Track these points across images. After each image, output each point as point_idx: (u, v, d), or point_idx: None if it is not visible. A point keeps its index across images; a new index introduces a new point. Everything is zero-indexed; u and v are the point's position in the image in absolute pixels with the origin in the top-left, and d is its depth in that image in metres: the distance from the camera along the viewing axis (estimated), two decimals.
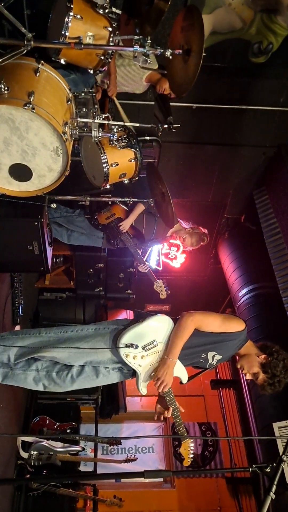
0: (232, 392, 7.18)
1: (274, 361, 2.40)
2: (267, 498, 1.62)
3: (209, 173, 5.20)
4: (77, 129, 2.44)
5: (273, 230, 5.02)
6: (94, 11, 2.41)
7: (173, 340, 2.33)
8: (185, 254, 5.97)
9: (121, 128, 2.75)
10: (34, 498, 4.25)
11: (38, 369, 2.45)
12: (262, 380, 2.42)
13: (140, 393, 2.43)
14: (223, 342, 2.41)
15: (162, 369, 2.32)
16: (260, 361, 2.43)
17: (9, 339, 2.49)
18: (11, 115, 2.10)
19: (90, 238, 4.17)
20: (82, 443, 4.93)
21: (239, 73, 4.26)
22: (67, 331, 2.49)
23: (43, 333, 2.50)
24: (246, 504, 6.16)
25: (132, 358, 2.34)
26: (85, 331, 2.48)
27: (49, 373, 2.44)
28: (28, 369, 2.44)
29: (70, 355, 2.39)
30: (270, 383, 2.40)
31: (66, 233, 4.16)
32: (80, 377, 2.44)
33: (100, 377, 2.46)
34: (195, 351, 2.43)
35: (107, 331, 2.45)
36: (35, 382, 2.46)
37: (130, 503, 5.48)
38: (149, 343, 2.36)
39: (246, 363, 2.46)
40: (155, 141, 4.17)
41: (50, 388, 2.48)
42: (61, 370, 2.45)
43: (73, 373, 2.44)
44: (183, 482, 6.28)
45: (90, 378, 2.45)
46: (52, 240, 3.51)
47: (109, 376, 2.48)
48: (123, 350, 2.32)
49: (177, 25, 2.45)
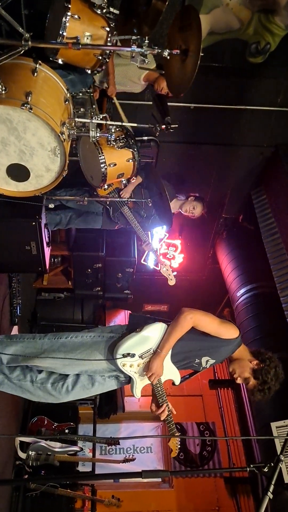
0: (230, 392, 7.19)
1: (265, 368, 2.40)
2: (265, 497, 1.62)
3: (207, 173, 5.20)
4: (75, 129, 2.44)
5: (271, 230, 5.02)
6: (91, 11, 2.41)
7: (168, 335, 2.33)
8: (183, 254, 5.97)
9: (119, 128, 2.75)
10: (32, 499, 4.25)
11: (33, 381, 2.42)
12: (252, 386, 2.42)
13: (135, 397, 2.44)
14: (217, 347, 2.41)
15: (154, 361, 2.32)
16: (252, 367, 2.42)
17: (3, 342, 2.48)
18: (8, 115, 2.10)
19: (88, 218, 4.02)
20: (80, 443, 4.93)
21: (237, 73, 4.26)
22: (61, 337, 2.45)
23: (37, 338, 2.48)
24: (244, 503, 6.16)
25: (129, 366, 2.35)
26: (79, 338, 2.44)
27: (43, 384, 2.42)
28: (23, 379, 2.42)
29: (64, 365, 2.38)
30: (260, 389, 2.40)
31: (65, 218, 4.03)
32: (75, 387, 2.42)
33: (96, 385, 2.45)
34: (190, 355, 2.43)
35: (102, 339, 2.43)
36: (30, 393, 2.45)
37: (129, 503, 5.48)
38: (146, 351, 2.36)
39: (238, 367, 2.45)
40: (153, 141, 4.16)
41: (46, 399, 2.47)
42: (56, 381, 2.43)
43: (68, 383, 2.42)
44: (181, 482, 6.28)
45: (85, 388, 2.44)
46: (50, 240, 3.50)
47: (105, 384, 2.47)
48: (120, 360, 2.32)
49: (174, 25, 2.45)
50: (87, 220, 4.04)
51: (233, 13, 3.84)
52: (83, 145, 2.96)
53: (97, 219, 4.01)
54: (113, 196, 3.68)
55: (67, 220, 4.04)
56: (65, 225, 4.09)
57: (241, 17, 3.87)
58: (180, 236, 5.92)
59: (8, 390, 2.47)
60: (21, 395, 2.48)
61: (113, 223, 3.97)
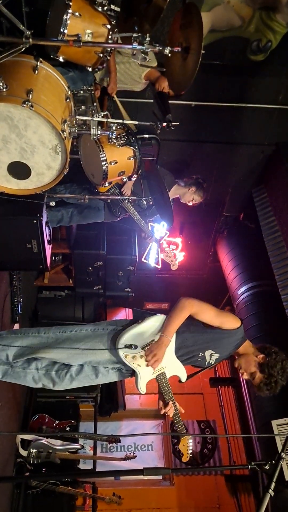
0: (231, 390, 7.20)
1: (272, 361, 2.40)
2: (266, 495, 1.62)
3: (208, 171, 5.19)
4: (76, 127, 2.44)
5: (272, 228, 5.02)
6: (92, 8, 2.40)
7: (169, 319, 2.34)
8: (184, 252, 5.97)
9: (120, 126, 2.75)
10: (33, 496, 4.27)
11: (38, 368, 2.45)
12: (259, 380, 2.42)
13: (140, 392, 2.44)
14: (219, 339, 2.42)
15: (156, 344, 2.33)
16: (258, 361, 2.43)
17: (8, 338, 2.50)
18: (9, 113, 2.10)
19: (90, 213, 4.01)
20: (81, 441, 4.93)
21: (238, 71, 4.25)
22: (65, 331, 2.49)
23: (42, 332, 2.50)
24: (245, 501, 6.18)
25: (132, 358, 2.35)
26: (83, 332, 2.48)
27: (48, 372, 2.45)
28: (28, 367, 2.45)
29: (69, 355, 2.40)
30: (267, 383, 2.40)
31: (67, 214, 4.02)
32: (79, 376, 2.45)
33: (99, 376, 2.47)
34: (192, 349, 2.44)
35: (105, 332, 2.45)
36: (34, 380, 2.48)
37: (129, 501, 5.50)
38: (149, 343, 2.37)
39: (244, 362, 2.46)
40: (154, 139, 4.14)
41: (49, 386, 2.50)
42: (60, 369, 2.46)
43: (72, 372, 2.45)
44: (182, 480, 6.29)
45: (89, 378, 2.47)
46: (51, 238, 3.50)
47: (108, 375, 2.49)
48: (122, 351, 2.32)
49: (176, 22, 2.45)
50: (89, 215, 4.04)
51: (235, 10, 3.83)
52: (84, 143, 2.96)
53: (99, 214, 4.01)
54: (114, 192, 3.67)
55: (69, 217, 4.04)
56: (68, 222, 4.08)
57: (242, 14, 3.86)
58: (180, 235, 5.91)
59: (12, 379, 2.49)
60: (24, 383, 2.49)
61: (115, 216, 3.98)
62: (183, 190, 3.90)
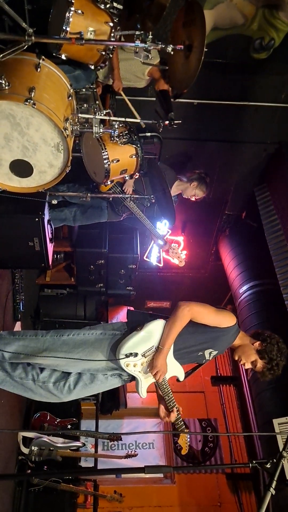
0: (232, 388, 7.20)
1: (269, 346, 2.44)
2: (267, 494, 1.62)
3: (210, 169, 5.16)
4: (78, 125, 2.44)
5: (274, 227, 5.01)
6: (95, 6, 2.40)
7: (168, 330, 2.34)
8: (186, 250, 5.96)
9: (122, 124, 2.74)
10: (35, 494, 4.28)
11: (35, 380, 2.41)
12: (261, 366, 2.46)
13: (141, 396, 2.44)
14: (218, 337, 2.43)
15: (157, 358, 2.34)
16: (256, 348, 2.46)
17: (6, 338, 2.49)
18: (11, 110, 2.09)
19: (94, 213, 4.01)
20: (83, 439, 4.94)
21: (241, 69, 4.24)
22: (63, 335, 2.45)
23: (39, 335, 2.47)
24: (246, 500, 6.18)
25: (133, 366, 2.35)
26: (81, 336, 2.44)
27: (45, 384, 2.42)
28: (25, 378, 2.42)
29: (68, 362, 2.38)
30: (269, 368, 2.44)
31: (70, 214, 4.03)
32: (77, 386, 2.42)
33: (98, 384, 2.45)
34: (192, 349, 2.44)
35: (104, 337, 2.43)
36: (32, 392, 2.45)
37: (131, 499, 5.51)
38: (148, 349, 2.37)
39: (242, 353, 2.48)
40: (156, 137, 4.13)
41: (48, 398, 2.47)
42: (58, 380, 2.42)
43: (70, 382, 2.42)
44: (183, 478, 6.30)
45: (88, 386, 2.44)
46: (53, 237, 3.50)
47: (107, 382, 2.47)
48: (123, 360, 2.32)
49: (178, 20, 2.44)
50: (93, 215, 4.04)
51: (237, 8, 3.82)
52: (86, 141, 2.95)
53: (103, 213, 4.01)
54: (116, 191, 3.67)
55: (72, 216, 4.04)
56: (72, 222, 4.09)
57: (245, 12, 3.85)
58: (182, 233, 5.91)
59: (9, 388, 2.47)
60: (23, 394, 2.48)
61: (119, 215, 3.98)
62: (185, 185, 3.89)
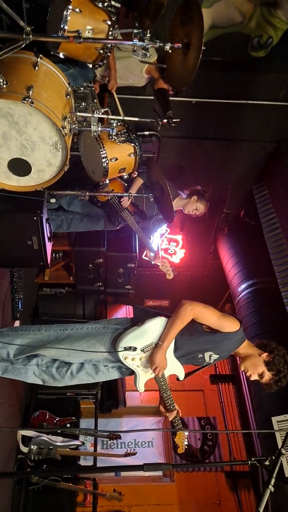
0: (231, 386, 7.21)
1: (276, 358, 2.43)
2: (266, 491, 1.62)
3: (208, 168, 5.19)
4: (76, 124, 2.44)
5: (272, 225, 5.01)
6: (93, 4, 2.39)
7: (169, 327, 2.35)
8: (184, 249, 5.97)
9: (121, 122, 2.74)
10: (34, 492, 4.28)
11: (38, 364, 2.47)
12: (268, 378, 2.44)
13: (139, 391, 2.47)
14: (219, 342, 2.43)
15: (156, 354, 2.35)
16: (263, 360, 2.45)
17: (9, 335, 2.51)
18: (9, 109, 2.09)
19: (90, 221, 4.04)
20: (82, 438, 4.95)
21: (239, 68, 4.24)
22: (66, 329, 2.50)
23: (43, 330, 2.52)
24: (245, 497, 6.19)
25: (131, 360, 2.38)
26: (84, 330, 2.49)
27: (48, 368, 2.47)
28: (28, 363, 2.46)
29: (70, 353, 2.41)
30: (276, 380, 2.43)
31: (66, 221, 4.06)
32: (79, 373, 2.47)
33: (99, 374, 2.49)
34: (192, 351, 2.46)
35: (106, 331, 2.47)
36: (35, 376, 2.49)
37: (130, 497, 5.51)
38: (148, 345, 2.38)
39: (250, 364, 2.46)
40: (155, 135, 4.14)
41: (49, 383, 2.51)
42: (61, 366, 2.47)
43: (72, 369, 2.46)
44: (182, 476, 6.31)
45: (89, 375, 2.49)
46: (51, 235, 3.50)
47: (108, 373, 2.51)
48: (122, 353, 2.34)
49: (176, 18, 2.44)
50: (89, 223, 4.07)
51: (235, 6, 3.82)
52: (85, 140, 2.95)
53: (99, 222, 4.05)
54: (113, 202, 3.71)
55: (67, 223, 4.05)
56: (66, 229, 4.11)
57: (243, 10, 3.85)
58: (181, 232, 5.92)
59: (12, 376, 2.50)
60: (25, 379, 2.51)
61: (115, 225, 4.02)
62: (185, 201, 3.89)
